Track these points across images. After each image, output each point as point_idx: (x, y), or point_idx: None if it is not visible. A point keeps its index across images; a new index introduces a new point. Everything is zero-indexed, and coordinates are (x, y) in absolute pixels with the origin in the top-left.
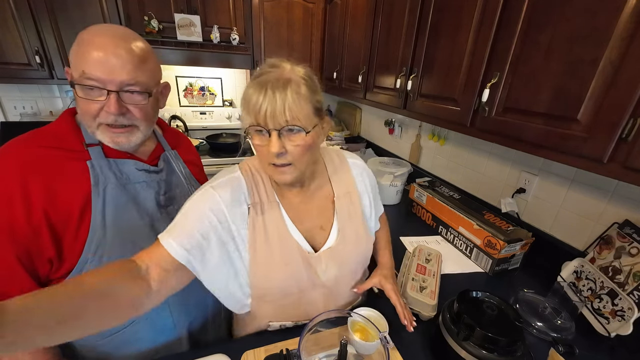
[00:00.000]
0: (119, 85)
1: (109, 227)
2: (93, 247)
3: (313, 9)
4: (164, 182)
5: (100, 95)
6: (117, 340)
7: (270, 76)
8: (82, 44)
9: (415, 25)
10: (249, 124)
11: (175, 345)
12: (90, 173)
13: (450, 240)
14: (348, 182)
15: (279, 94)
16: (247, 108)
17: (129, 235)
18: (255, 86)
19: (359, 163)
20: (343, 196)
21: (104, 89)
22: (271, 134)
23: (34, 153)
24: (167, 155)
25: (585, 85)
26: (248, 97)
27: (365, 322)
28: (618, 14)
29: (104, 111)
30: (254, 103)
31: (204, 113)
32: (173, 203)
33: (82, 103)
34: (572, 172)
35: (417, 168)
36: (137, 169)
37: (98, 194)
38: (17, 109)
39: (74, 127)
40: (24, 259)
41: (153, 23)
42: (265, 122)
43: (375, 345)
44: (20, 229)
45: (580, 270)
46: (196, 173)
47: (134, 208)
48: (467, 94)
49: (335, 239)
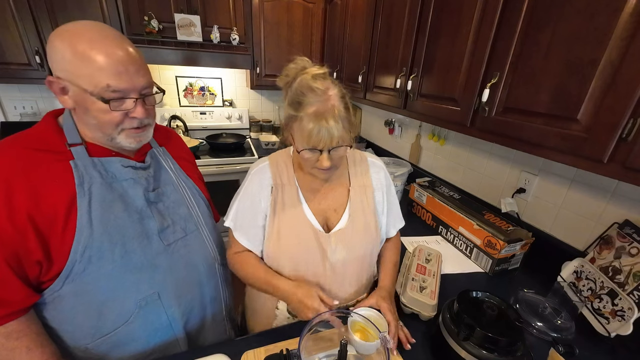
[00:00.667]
0: (139, 91)
1: (96, 226)
2: (81, 247)
3: (313, 9)
4: (152, 179)
5: (124, 105)
6: (109, 342)
7: (320, 107)
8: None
9: (415, 25)
10: (304, 147)
11: (172, 346)
12: (73, 173)
13: (450, 240)
14: (365, 177)
15: (332, 124)
16: (304, 136)
17: (118, 235)
18: (312, 119)
19: (378, 163)
20: (358, 188)
21: (128, 98)
22: (323, 154)
23: (17, 155)
24: (154, 151)
25: (585, 85)
26: (307, 130)
27: (365, 322)
28: (618, 14)
29: (128, 118)
30: (314, 135)
31: (204, 113)
32: (163, 199)
33: (103, 115)
34: (572, 172)
35: (417, 168)
36: (123, 166)
37: (83, 194)
38: (17, 109)
39: (57, 129)
40: (12, 262)
41: (153, 23)
42: (320, 147)
43: (375, 345)
44: (4, 232)
45: (580, 270)
46: (187, 169)
47: (122, 206)
48: (467, 94)
49: (346, 222)
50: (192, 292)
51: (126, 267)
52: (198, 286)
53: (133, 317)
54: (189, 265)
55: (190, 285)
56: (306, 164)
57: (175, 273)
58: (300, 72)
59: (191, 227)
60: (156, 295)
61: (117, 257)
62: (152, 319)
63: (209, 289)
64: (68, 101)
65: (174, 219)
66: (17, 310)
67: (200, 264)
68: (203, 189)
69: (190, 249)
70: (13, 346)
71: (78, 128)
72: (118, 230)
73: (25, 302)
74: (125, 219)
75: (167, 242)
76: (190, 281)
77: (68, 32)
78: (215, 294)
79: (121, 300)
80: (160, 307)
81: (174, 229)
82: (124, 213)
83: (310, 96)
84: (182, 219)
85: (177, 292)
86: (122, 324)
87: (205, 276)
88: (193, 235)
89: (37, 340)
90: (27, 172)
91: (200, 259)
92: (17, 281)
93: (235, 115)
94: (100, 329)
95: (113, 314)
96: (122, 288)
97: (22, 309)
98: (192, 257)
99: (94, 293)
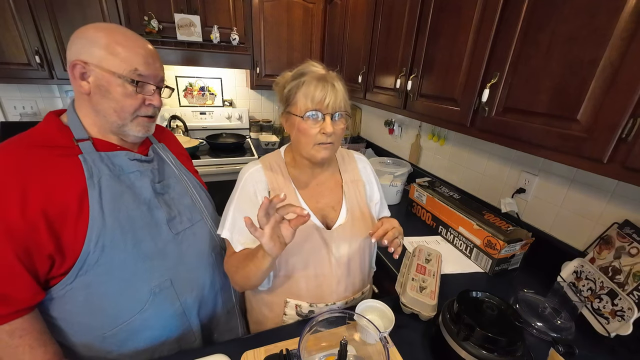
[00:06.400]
0: (159, 81)
1: (107, 216)
2: (94, 237)
3: (313, 9)
4: (157, 171)
5: (146, 89)
6: (126, 330)
7: (321, 73)
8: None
9: (415, 25)
10: (307, 109)
11: (187, 337)
12: (83, 166)
13: (450, 240)
14: (354, 172)
15: (337, 86)
16: (308, 97)
17: (129, 225)
18: (316, 81)
19: (363, 158)
20: (351, 183)
21: (150, 84)
22: (326, 118)
23: (25, 153)
24: (155, 147)
25: (585, 85)
26: (310, 90)
27: (366, 323)
28: (618, 14)
29: (145, 105)
30: (318, 94)
31: (203, 113)
32: (169, 191)
33: (125, 98)
34: (572, 172)
35: (417, 168)
36: (129, 159)
37: (94, 186)
38: (17, 109)
39: (61, 126)
40: (23, 257)
41: (153, 23)
42: (326, 109)
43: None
44: (17, 228)
45: (580, 271)
46: (186, 163)
47: (131, 197)
48: (467, 94)
49: (345, 217)
50: (203, 279)
51: (138, 255)
52: (208, 273)
53: (148, 304)
54: (198, 253)
55: (201, 272)
56: (308, 139)
57: (186, 261)
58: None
59: (196, 217)
60: (168, 282)
61: (129, 246)
62: (165, 306)
63: (218, 276)
64: (85, 86)
65: (180, 210)
66: (23, 309)
67: (208, 252)
68: (202, 182)
69: (198, 238)
70: (16, 344)
71: (84, 124)
72: (128, 220)
73: (32, 300)
74: (135, 210)
75: (176, 231)
76: (200, 269)
77: (103, 25)
78: (224, 281)
79: (135, 288)
80: (173, 294)
81: (180, 219)
82: (133, 204)
83: (312, 69)
84: (187, 210)
85: (188, 279)
86: (138, 312)
87: (214, 264)
88: (199, 225)
89: (40, 339)
90: (37, 168)
91: (208, 247)
92: (28, 277)
93: (235, 115)
94: (117, 317)
95: (128, 302)
96: (135, 276)
97: (28, 307)
98: (200, 246)
99: (108, 283)
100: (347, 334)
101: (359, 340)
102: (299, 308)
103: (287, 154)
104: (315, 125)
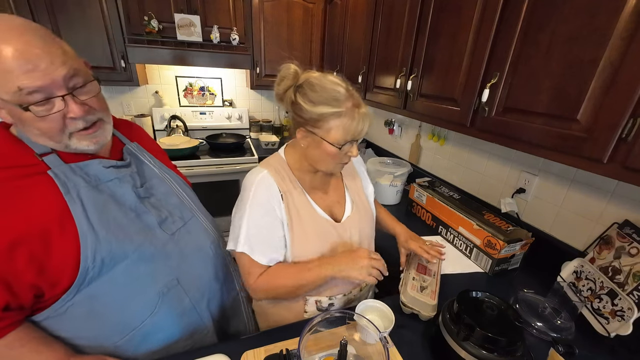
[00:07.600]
0: (63, 85)
1: (98, 229)
2: (90, 252)
3: (313, 9)
4: (137, 175)
5: (53, 107)
6: (139, 335)
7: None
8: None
9: (415, 25)
10: (345, 141)
11: (200, 331)
12: (57, 183)
13: (450, 240)
14: (352, 169)
15: (365, 111)
16: (348, 130)
17: (122, 232)
18: (353, 113)
19: None
20: (350, 177)
21: (53, 97)
22: (353, 144)
23: None
24: (129, 148)
25: (585, 85)
26: (352, 126)
27: (366, 323)
28: (618, 14)
29: (68, 119)
30: (357, 127)
31: (203, 113)
32: (154, 193)
33: (40, 123)
34: (572, 172)
35: (417, 168)
36: (104, 166)
37: (74, 201)
38: None
39: (14, 140)
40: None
41: (153, 23)
42: (358, 137)
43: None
44: None
45: (580, 271)
46: (163, 160)
47: (115, 207)
48: (467, 94)
49: (351, 209)
50: (207, 273)
51: (140, 259)
52: (211, 266)
53: (157, 307)
54: (197, 249)
55: (204, 266)
56: (334, 160)
57: (187, 258)
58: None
59: (187, 215)
60: (175, 280)
61: (129, 252)
62: (175, 304)
63: (220, 269)
64: (6, 116)
65: (170, 210)
66: (11, 323)
67: (207, 247)
68: (184, 178)
69: (194, 235)
70: (19, 353)
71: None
72: (120, 229)
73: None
74: (123, 218)
75: (170, 231)
76: (203, 263)
77: None
78: (226, 271)
79: (143, 292)
80: (182, 292)
81: (173, 219)
82: (120, 213)
83: (340, 90)
84: (176, 209)
85: (193, 275)
86: (148, 316)
87: (214, 257)
88: (192, 222)
89: (44, 342)
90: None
91: (206, 241)
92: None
93: (235, 115)
94: (127, 324)
95: (138, 307)
96: (141, 280)
97: (17, 320)
98: (198, 242)
99: (114, 293)
100: (347, 334)
101: (359, 340)
102: (319, 303)
103: (288, 155)
104: (344, 149)
